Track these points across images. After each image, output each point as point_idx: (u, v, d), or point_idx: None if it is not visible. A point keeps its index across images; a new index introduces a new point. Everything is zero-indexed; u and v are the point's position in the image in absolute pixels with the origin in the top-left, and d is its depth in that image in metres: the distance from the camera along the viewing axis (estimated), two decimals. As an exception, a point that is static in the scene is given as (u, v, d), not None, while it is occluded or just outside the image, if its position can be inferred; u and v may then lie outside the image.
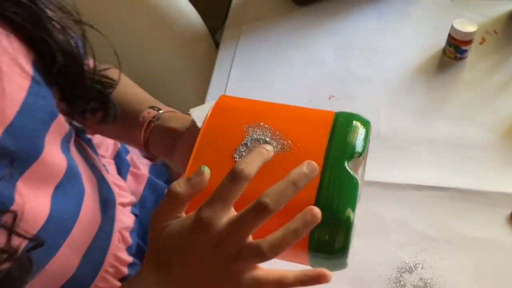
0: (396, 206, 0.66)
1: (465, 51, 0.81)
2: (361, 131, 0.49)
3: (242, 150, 0.47)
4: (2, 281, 0.40)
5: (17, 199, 0.45)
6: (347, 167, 0.45)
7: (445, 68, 0.82)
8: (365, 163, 0.53)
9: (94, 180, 0.60)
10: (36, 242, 0.44)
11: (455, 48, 0.81)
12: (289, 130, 0.48)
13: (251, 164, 0.40)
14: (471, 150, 0.71)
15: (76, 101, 0.56)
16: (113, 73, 0.62)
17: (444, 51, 0.83)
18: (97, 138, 0.72)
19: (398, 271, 0.60)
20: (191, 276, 0.40)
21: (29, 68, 0.47)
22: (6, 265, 0.40)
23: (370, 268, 0.61)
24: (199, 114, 0.53)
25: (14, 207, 0.43)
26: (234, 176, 0.39)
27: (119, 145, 0.76)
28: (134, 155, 0.76)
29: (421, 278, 0.60)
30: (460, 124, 0.74)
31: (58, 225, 0.51)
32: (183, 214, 0.42)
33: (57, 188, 0.52)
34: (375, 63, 0.83)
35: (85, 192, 0.56)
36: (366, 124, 0.50)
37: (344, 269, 0.47)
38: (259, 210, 0.38)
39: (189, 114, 0.55)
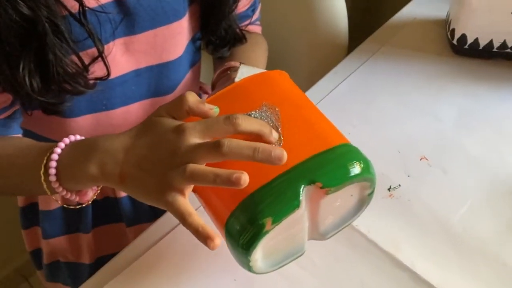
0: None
1: None
2: (347, 173, 0.46)
3: None
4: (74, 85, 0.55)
5: (110, 45, 0.58)
6: (300, 188, 0.44)
7: None
8: (351, 216, 0.52)
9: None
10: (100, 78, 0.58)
11: None
12: (292, 129, 0.48)
13: (248, 123, 0.44)
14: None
15: (207, 30, 0.68)
16: (255, 36, 0.76)
17: None
18: None
19: None
20: (143, 157, 0.45)
21: None
22: (78, 76, 0.55)
23: None
24: (244, 73, 0.56)
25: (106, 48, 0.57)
26: (228, 118, 0.44)
27: None
28: None
29: None
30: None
31: (122, 91, 0.63)
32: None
33: (148, 69, 0.63)
34: (494, 153, 0.70)
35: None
36: (363, 173, 0.47)
37: (248, 271, 0.48)
38: (214, 146, 0.42)
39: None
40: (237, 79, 0.55)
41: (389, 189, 0.66)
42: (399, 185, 0.66)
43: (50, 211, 0.71)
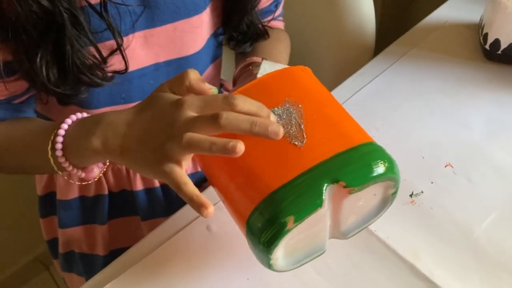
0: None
1: None
2: (370, 172, 0.45)
3: None
4: (91, 77, 0.55)
5: (129, 38, 0.58)
6: (323, 187, 0.43)
7: None
8: (373, 215, 0.51)
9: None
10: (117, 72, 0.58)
11: None
12: (315, 126, 0.47)
13: (246, 104, 0.44)
14: None
15: (229, 25, 0.67)
16: (278, 32, 0.75)
17: None
18: None
19: None
20: (143, 130, 0.46)
21: None
22: (96, 68, 0.55)
23: None
24: (267, 68, 0.55)
25: (125, 41, 0.57)
26: (227, 97, 0.44)
27: None
28: None
29: None
30: None
31: (140, 85, 0.63)
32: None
33: (167, 63, 0.63)
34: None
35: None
36: (387, 172, 0.46)
37: (268, 269, 0.47)
38: (211, 118, 0.42)
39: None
40: (259, 75, 0.54)
41: (411, 195, 0.64)
42: (422, 192, 0.64)
43: (67, 201, 0.71)
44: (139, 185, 0.70)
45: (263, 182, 0.45)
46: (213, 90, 0.47)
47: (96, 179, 0.56)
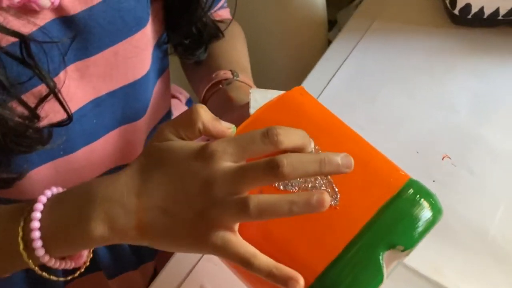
0: None
1: None
2: (423, 222, 0.37)
3: None
4: (18, 138, 0.41)
5: (60, 76, 0.45)
6: (379, 257, 0.36)
7: None
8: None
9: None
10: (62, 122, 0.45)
11: None
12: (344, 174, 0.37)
13: (291, 138, 0.35)
14: None
15: (176, 30, 0.55)
16: (232, 29, 0.63)
17: None
18: None
19: None
20: (165, 198, 0.35)
21: None
22: (26, 128, 0.41)
23: None
24: (258, 99, 0.45)
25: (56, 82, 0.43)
26: (267, 136, 0.34)
27: None
28: None
29: None
30: None
31: (81, 129, 0.50)
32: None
33: (110, 95, 0.50)
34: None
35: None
36: (436, 214, 0.38)
37: None
38: (269, 166, 0.33)
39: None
40: (252, 110, 0.44)
41: (416, 201, 0.57)
42: (426, 195, 0.58)
43: (8, 278, 0.57)
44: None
45: (305, 262, 0.35)
46: (231, 129, 0.38)
47: (88, 263, 0.42)
